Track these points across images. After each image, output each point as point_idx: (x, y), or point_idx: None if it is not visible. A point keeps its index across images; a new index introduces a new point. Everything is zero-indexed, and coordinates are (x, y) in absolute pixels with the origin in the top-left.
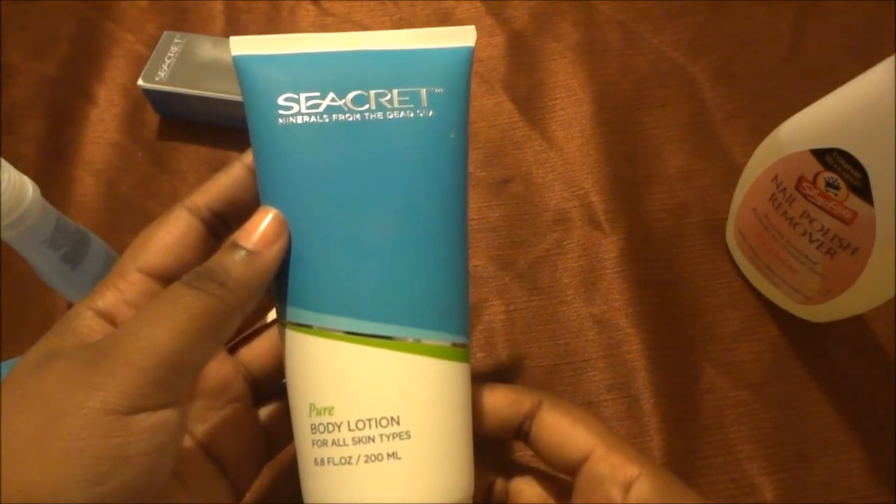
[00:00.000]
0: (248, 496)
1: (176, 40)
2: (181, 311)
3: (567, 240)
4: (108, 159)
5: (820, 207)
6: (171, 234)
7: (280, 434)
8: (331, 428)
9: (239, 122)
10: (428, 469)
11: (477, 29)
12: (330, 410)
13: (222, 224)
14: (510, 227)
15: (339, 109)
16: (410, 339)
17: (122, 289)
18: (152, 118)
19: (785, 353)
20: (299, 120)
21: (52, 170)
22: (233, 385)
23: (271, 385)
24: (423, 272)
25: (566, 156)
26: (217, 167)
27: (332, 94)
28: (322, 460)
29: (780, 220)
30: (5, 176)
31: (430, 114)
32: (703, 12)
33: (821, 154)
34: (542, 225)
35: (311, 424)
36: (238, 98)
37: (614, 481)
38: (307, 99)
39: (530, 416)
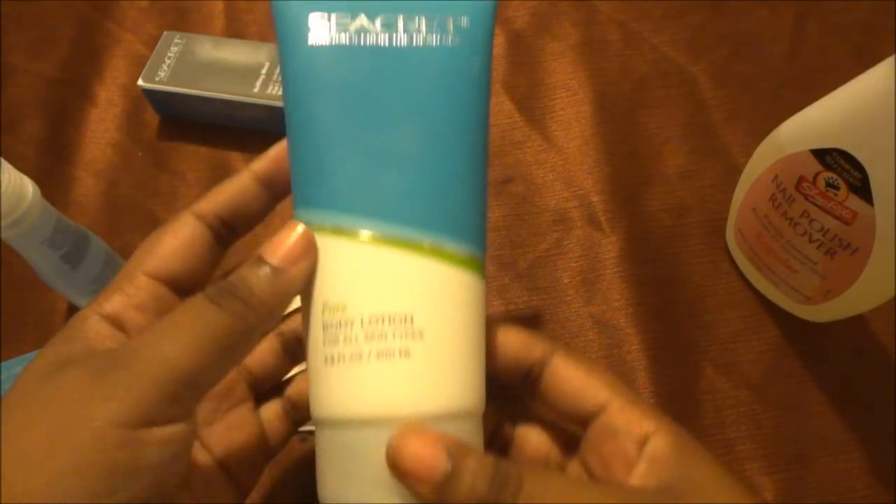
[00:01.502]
0: (252, 496)
1: (176, 40)
2: (201, 327)
3: (567, 240)
4: (108, 159)
5: (820, 207)
6: (177, 238)
7: (280, 433)
8: (343, 324)
9: (239, 122)
10: (439, 371)
11: None
12: (343, 308)
13: (229, 231)
14: (510, 227)
15: (367, 31)
16: (427, 244)
17: (130, 293)
18: (152, 118)
19: (785, 353)
20: (328, 41)
21: (52, 170)
22: (236, 388)
23: (270, 384)
24: (443, 181)
25: (566, 156)
26: (217, 167)
27: (361, 16)
28: (332, 358)
29: (780, 220)
30: (5, 176)
31: (456, 41)
32: (703, 12)
33: (821, 154)
34: (542, 225)
35: (324, 323)
36: (238, 98)
37: (629, 435)
38: (337, 19)
39: (541, 363)
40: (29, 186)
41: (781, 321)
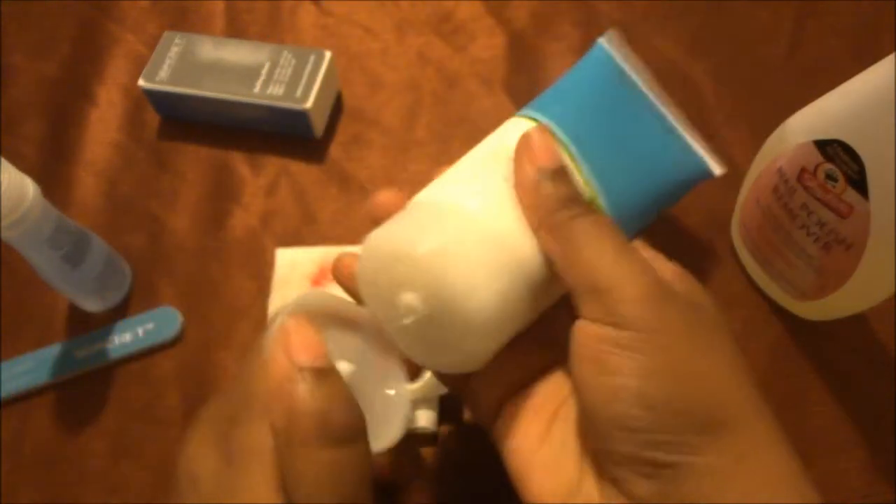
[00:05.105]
0: None
1: (176, 40)
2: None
3: None
4: (108, 159)
5: (818, 199)
6: None
7: None
8: None
9: (239, 122)
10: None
11: (477, 29)
12: None
13: None
14: None
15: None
16: None
17: None
18: (153, 118)
19: (785, 353)
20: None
21: (52, 170)
22: None
23: None
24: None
25: None
26: (217, 167)
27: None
28: None
29: (781, 211)
30: (6, 176)
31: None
32: (703, 12)
33: (822, 145)
34: None
35: None
36: (238, 98)
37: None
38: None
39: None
40: (30, 186)
41: (782, 321)
